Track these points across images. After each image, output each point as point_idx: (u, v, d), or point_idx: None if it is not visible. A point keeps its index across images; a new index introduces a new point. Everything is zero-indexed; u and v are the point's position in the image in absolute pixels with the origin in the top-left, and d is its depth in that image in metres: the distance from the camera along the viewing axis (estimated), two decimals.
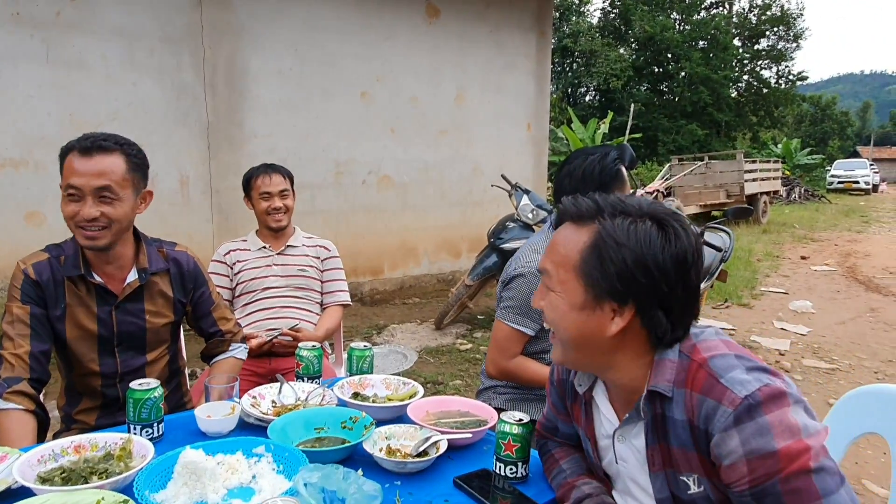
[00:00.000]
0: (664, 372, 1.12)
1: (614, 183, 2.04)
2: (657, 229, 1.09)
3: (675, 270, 1.08)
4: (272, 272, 2.74)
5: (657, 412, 1.14)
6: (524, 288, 2.02)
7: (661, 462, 1.15)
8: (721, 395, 1.03)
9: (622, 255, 1.07)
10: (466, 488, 1.38)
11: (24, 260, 1.80)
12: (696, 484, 1.11)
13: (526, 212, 5.46)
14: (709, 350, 1.11)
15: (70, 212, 1.71)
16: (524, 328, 2.03)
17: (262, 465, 1.33)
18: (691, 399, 1.08)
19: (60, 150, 1.73)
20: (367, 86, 6.13)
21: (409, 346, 5.04)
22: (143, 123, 4.92)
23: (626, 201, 1.14)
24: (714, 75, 30.28)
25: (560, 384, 1.42)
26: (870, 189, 32.19)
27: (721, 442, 1.02)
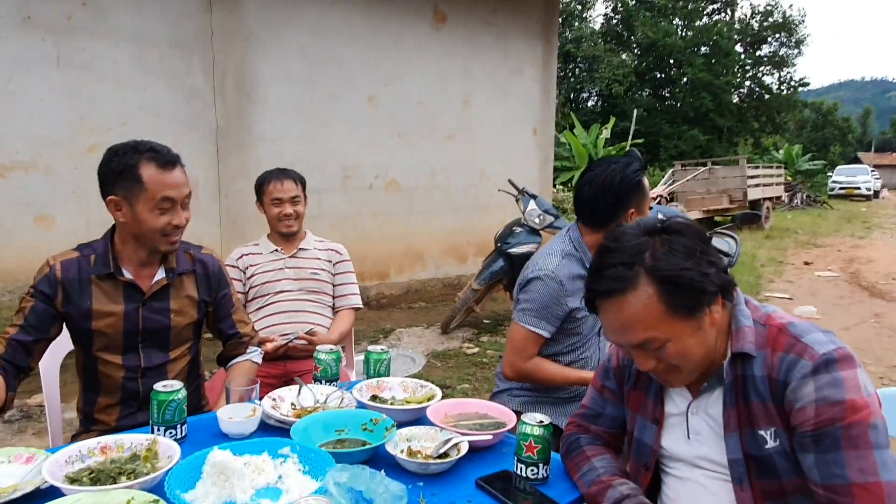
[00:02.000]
0: (746, 336, 1.23)
1: (634, 194, 2.04)
2: (674, 234, 1.19)
3: (705, 243, 1.19)
4: (285, 275, 2.76)
5: (737, 374, 1.23)
6: (541, 290, 2.04)
7: (736, 422, 1.24)
8: (802, 351, 1.16)
9: (687, 273, 1.15)
10: (489, 489, 1.39)
11: (54, 256, 1.85)
12: (772, 437, 1.20)
13: (533, 216, 5.48)
14: (783, 318, 1.24)
15: (162, 223, 1.79)
16: (540, 330, 2.05)
17: (289, 466, 1.34)
18: (773, 357, 1.19)
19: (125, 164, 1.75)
20: (374, 91, 6.16)
21: (416, 350, 5.05)
22: (153, 127, 4.94)
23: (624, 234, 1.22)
24: (716, 81, 30.32)
25: (619, 370, 1.48)
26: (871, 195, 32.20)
27: (797, 388, 1.14)
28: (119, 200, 1.78)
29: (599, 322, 2.22)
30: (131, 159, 1.76)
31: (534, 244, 5.50)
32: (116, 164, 1.76)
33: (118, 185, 1.77)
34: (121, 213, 1.80)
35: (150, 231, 1.82)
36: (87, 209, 4.78)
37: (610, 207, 2.03)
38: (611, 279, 1.18)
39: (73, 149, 4.70)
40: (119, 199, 1.78)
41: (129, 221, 1.80)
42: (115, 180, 1.77)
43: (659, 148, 28.78)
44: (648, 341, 1.18)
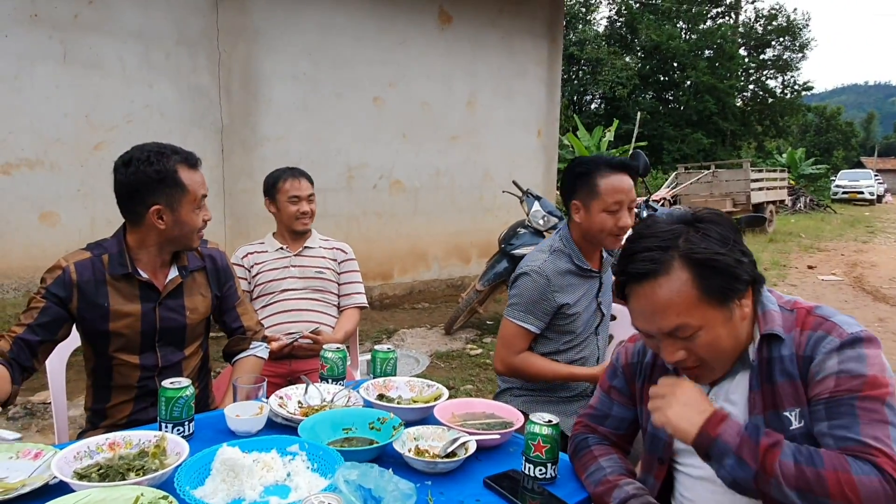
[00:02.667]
0: (774, 319, 1.24)
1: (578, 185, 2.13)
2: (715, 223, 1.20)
3: (739, 236, 1.21)
4: (290, 273, 2.76)
5: (763, 356, 1.24)
6: (528, 286, 2.08)
7: (761, 405, 1.23)
8: (831, 328, 1.19)
9: (721, 261, 1.15)
10: (497, 488, 1.39)
11: (66, 257, 1.82)
12: (797, 419, 1.20)
13: (537, 218, 5.47)
14: (808, 303, 1.27)
15: (200, 221, 1.86)
16: (528, 325, 2.10)
17: (297, 464, 1.34)
18: (801, 336, 1.21)
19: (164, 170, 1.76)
20: (379, 91, 6.17)
21: (420, 350, 5.05)
22: (159, 125, 4.96)
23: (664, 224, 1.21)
24: (720, 84, 30.26)
25: (628, 368, 1.48)
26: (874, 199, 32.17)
27: (821, 361, 1.16)
28: (162, 208, 1.78)
29: (596, 320, 2.23)
30: (168, 164, 1.76)
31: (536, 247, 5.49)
32: (153, 171, 1.74)
33: (160, 193, 1.77)
34: (162, 220, 1.79)
35: (191, 231, 1.84)
36: (93, 207, 4.78)
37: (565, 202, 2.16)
38: (644, 261, 1.16)
39: (78, 146, 4.70)
40: (162, 207, 1.78)
41: (170, 226, 1.81)
42: (156, 188, 1.76)
43: (662, 151, 28.73)
44: (680, 328, 1.17)
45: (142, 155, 1.76)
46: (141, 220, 1.80)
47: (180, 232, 1.83)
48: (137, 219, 1.81)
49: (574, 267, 2.13)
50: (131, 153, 1.78)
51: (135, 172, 1.75)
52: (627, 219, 2.07)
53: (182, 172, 1.79)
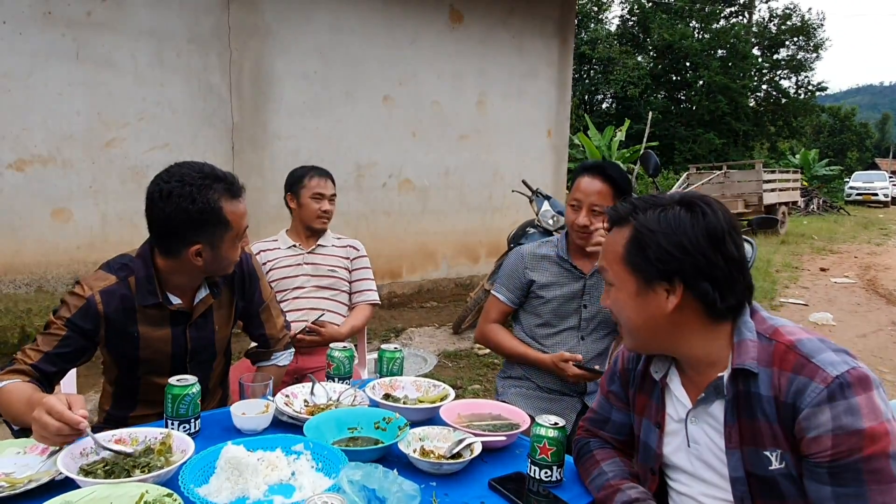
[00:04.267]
0: (748, 351, 1.19)
1: None
2: (686, 211, 1.20)
3: (709, 243, 1.18)
4: (303, 271, 2.76)
5: (740, 389, 1.20)
6: (507, 261, 2.35)
7: (738, 439, 1.20)
8: (813, 373, 1.10)
9: (657, 240, 1.20)
10: (502, 491, 1.38)
11: (90, 283, 1.70)
12: (778, 460, 1.16)
13: (546, 218, 5.45)
14: (792, 334, 1.18)
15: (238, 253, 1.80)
16: (500, 295, 2.31)
17: (302, 463, 1.34)
18: (780, 377, 1.14)
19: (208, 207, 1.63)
20: (389, 89, 6.17)
21: (428, 349, 5.05)
22: (170, 123, 4.98)
23: (658, 196, 1.26)
24: (733, 84, 30.03)
25: (624, 373, 1.47)
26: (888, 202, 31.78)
27: (811, 415, 1.08)
28: (202, 248, 1.66)
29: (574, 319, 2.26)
30: (211, 199, 1.62)
31: None
32: (196, 211, 1.60)
33: (202, 232, 1.64)
34: (200, 258, 1.68)
35: (228, 265, 1.77)
36: (104, 204, 4.82)
37: None
38: (619, 211, 1.29)
39: (90, 143, 4.73)
40: (203, 247, 1.66)
41: (208, 263, 1.70)
42: (199, 227, 1.63)
43: (674, 151, 28.57)
44: (604, 270, 1.32)
45: (183, 190, 1.60)
46: (178, 254, 1.69)
47: (218, 266, 1.75)
48: (173, 252, 1.69)
49: (554, 255, 2.27)
50: (171, 185, 1.61)
51: (175, 210, 1.60)
52: (583, 218, 2.16)
53: (227, 207, 1.65)
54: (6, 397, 1.55)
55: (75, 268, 4.74)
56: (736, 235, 1.20)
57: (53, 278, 4.71)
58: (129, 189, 4.85)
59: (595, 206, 2.13)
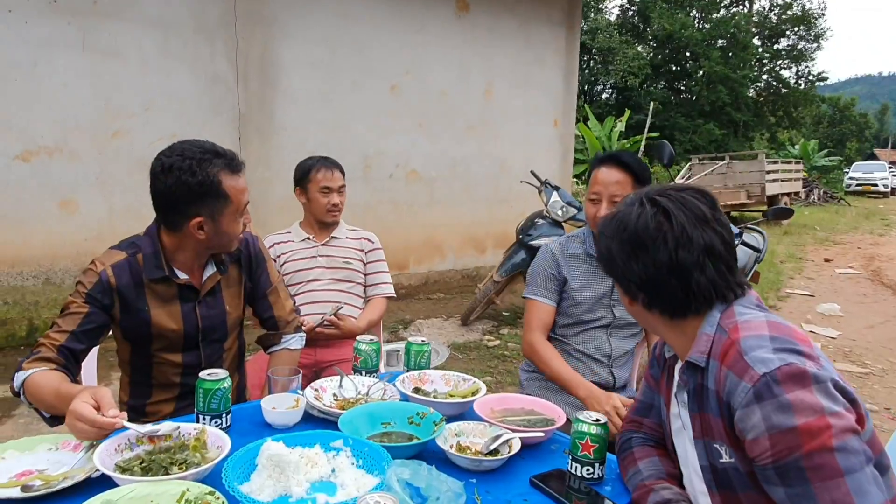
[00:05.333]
0: (699, 345, 1.19)
1: None
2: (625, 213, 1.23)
3: (629, 249, 1.21)
4: (317, 264, 2.73)
5: (698, 382, 1.21)
6: (537, 261, 2.26)
7: (700, 430, 1.21)
8: (743, 372, 1.07)
9: (602, 243, 1.28)
10: (545, 488, 1.36)
11: (101, 259, 1.74)
12: (727, 454, 1.15)
13: (556, 209, 5.43)
14: (747, 329, 1.13)
15: (240, 229, 1.80)
16: (538, 297, 2.22)
17: (342, 460, 1.31)
18: (720, 372, 1.13)
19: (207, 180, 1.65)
20: (396, 78, 6.11)
21: (437, 341, 5.03)
22: (177, 113, 4.93)
23: (636, 193, 1.27)
24: (733, 74, 29.94)
25: (660, 356, 1.46)
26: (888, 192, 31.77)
27: (744, 417, 1.06)
28: (203, 220, 1.69)
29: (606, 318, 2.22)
30: (210, 173, 1.64)
31: (556, 236, 5.45)
32: (195, 183, 1.63)
33: (203, 205, 1.67)
34: (202, 231, 1.71)
35: (230, 240, 1.78)
36: (111, 194, 4.77)
37: None
38: None
39: (97, 134, 4.68)
40: (203, 220, 1.69)
41: (210, 237, 1.73)
42: (199, 200, 1.66)
43: (674, 142, 28.46)
44: None
45: (183, 163, 1.63)
46: (180, 228, 1.72)
47: (220, 241, 1.77)
48: (176, 226, 1.72)
49: (583, 253, 2.20)
50: (171, 159, 1.64)
51: (176, 183, 1.64)
52: (604, 211, 2.07)
53: (226, 181, 1.68)
54: (34, 387, 1.57)
55: (83, 260, 4.70)
56: (673, 240, 1.16)
57: (61, 270, 4.67)
58: (137, 180, 4.79)
59: (615, 197, 2.06)
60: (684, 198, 1.21)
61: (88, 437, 1.36)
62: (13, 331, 4.52)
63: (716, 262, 1.18)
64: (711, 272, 1.18)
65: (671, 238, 1.17)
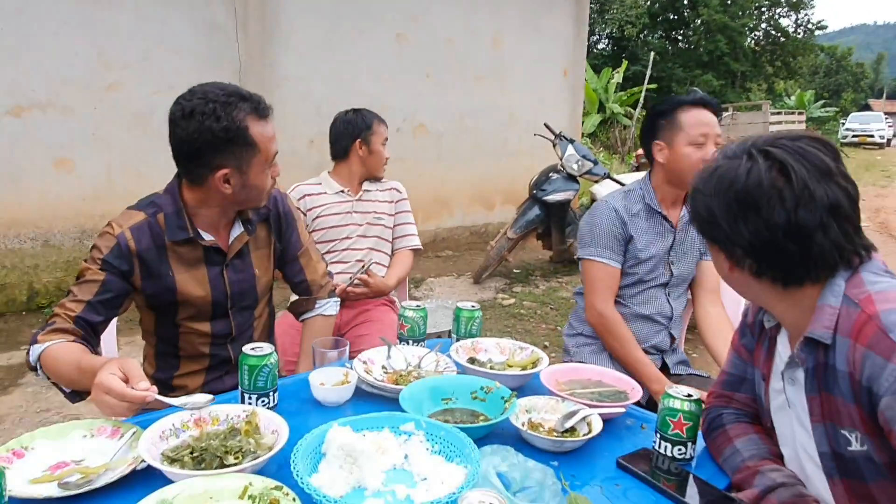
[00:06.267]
0: (822, 319, 1.05)
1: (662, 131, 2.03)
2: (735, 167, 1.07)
3: (738, 209, 1.06)
4: (352, 220, 2.58)
5: (819, 360, 1.07)
6: (596, 218, 2.06)
7: (820, 413, 1.09)
8: (889, 352, 0.93)
9: (700, 201, 1.12)
10: (635, 471, 1.24)
11: (118, 221, 1.57)
12: (858, 441, 1.03)
13: (571, 162, 5.25)
14: (885, 301, 0.99)
15: (270, 182, 1.64)
16: (605, 259, 2.01)
17: (414, 445, 1.18)
18: (855, 351, 0.99)
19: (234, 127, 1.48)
20: (402, 26, 5.82)
21: (450, 300, 4.90)
22: (175, 63, 4.66)
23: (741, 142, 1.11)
24: (732, 23, 29.30)
25: (753, 326, 1.32)
26: (884, 143, 31.68)
27: (894, 404, 0.93)
28: (230, 172, 1.52)
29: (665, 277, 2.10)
30: (237, 118, 1.47)
31: (571, 192, 5.29)
32: (220, 129, 1.46)
33: (229, 155, 1.50)
34: (228, 185, 1.54)
35: (260, 193, 1.61)
36: (108, 152, 4.54)
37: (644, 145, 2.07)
38: None
39: (90, 87, 4.42)
40: (230, 171, 1.52)
41: (237, 190, 1.56)
42: (224, 149, 1.49)
43: (671, 93, 28.07)
44: None
45: (206, 107, 1.45)
46: (204, 181, 1.55)
47: (248, 195, 1.60)
48: (199, 179, 1.56)
49: (644, 209, 2.05)
50: (193, 103, 1.46)
51: (198, 129, 1.46)
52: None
53: (253, 127, 1.51)
54: (52, 361, 1.44)
55: (81, 221, 4.50)
56: (792, 198, 1.01)
57: (60, 232, 4.48)
58: (134, 136, 4.56)
59: (718, 139, 1.97)
60: (803, 148, 1.05)
61: (118, 412, 1.24)
62: (13, 295, 4.34)
63: (840, 222, 1.03)
64: (836, 233, 1.03)
65: (790, 196, 1.02)
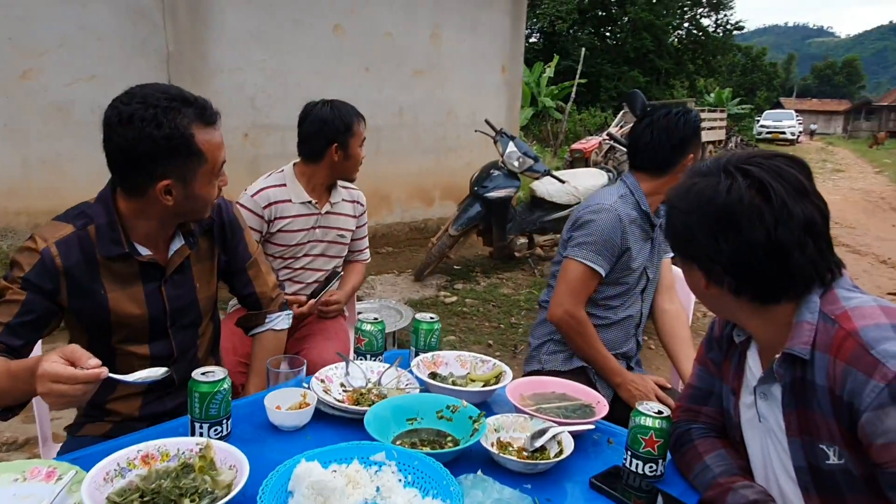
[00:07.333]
0: (801, 334, 1.06)
1: (695, 138, 2.02)
2: (713, 185, 1.07)
3: (717, 227, 1.06)
4: (314, 236, 2.36)
5: (797, 375, 1.08)
6: (601, 223, 1.98)
7: (797, 427, 1.10)
8: (871, 368, 0.95)
9: (674, 219, 1.14)
10: (609, 491, 1.22)
11: (42, 234, 1.42)
12: (836, 455, 1.05)
13: (512, 159, 5.26)
14: (862, 318, 1.01)
15: (215, 193, 1.49)
16: (597, 266, 1.98)
17: (386, 476, 1.12)
18: (835, 367, 1.01)
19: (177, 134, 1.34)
20: (340, 18, 5.66)
21: (392, 298, 4.83)
22: (96, 51, 4.36)
23: (712, 160, 1.12)
24: (657, 21, 30.28)
25: (721, 338, 1.33)
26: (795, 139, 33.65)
27: (875, 420, 0.95)
28: (172, 183, 1.38)
29: (643, 282, 2.10)
30: (180, 125, 1.34)
31: (512, 188, 5.30)
32: (162, 138, 1.33)
33: (171, 165, 1.37)
34: (170, 196, 1.40)
35: (204, 207, 1.47)
36: (24, 145, 4.21)
37: (671, 152, 1.99)
38: None
39: (3, 75, 4.07)
40: (172, 182, 1.38)
41: (180, 203, 1.42)
42: (168, 158, 1.35)
43: (599, 88, 28.75)
44: None
45: (146, 113, 1.32)
46: (142, 192, 1.41)
47: (191, 207, 1.47)
48: (137, 190, 1.41)
49: (639, 215, 2.04)
50: (132, 108, 1.32)
51: (138, 137, 1.32)
52: None
53: (199, 135, 1.38)
54: None
55: None
56: (771, 216, 1.02)
57: None
58: (52, 129, 4.25)
59: None
60: (780, 167, 1.06)
61: (72, 400, 1.15)
62: None
63: (816, 240, 1.06)
64: (812, 250, 1.05)
65: (769, 214, 1.03)
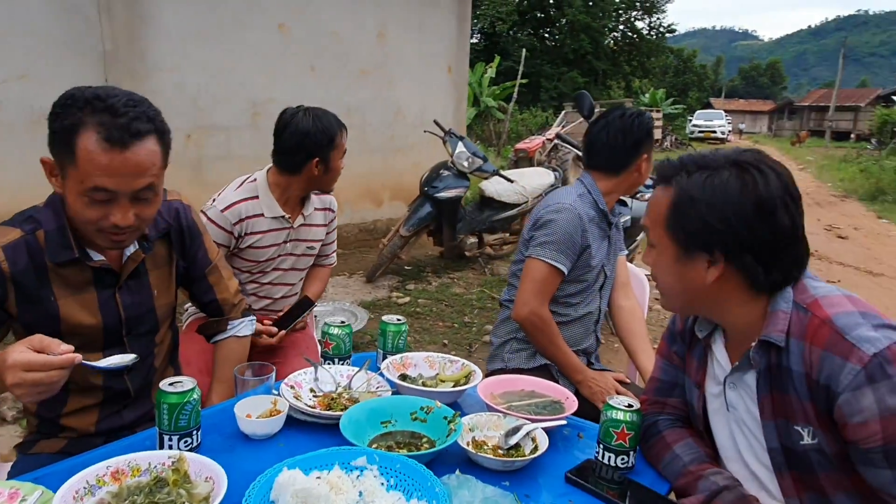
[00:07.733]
0: (777, 322, 1.13)
1: (648, 139, 2.08)
2: (736, 177, 1.12)
3: (756, 216, 1.10)
4: (285, 250, 2.26)
5: (772, 362, 1.15)
6: (562, 222, 2.01)
7: (771, 411, 1.16)
8: (847, 353, 1.02)
9: (698, 209, 1.13)
10: (584, 484, 1.26)
11: None
12: (810, 436, 1.11)
13: (462, 159, 5.29)
14: (832, 306, 1.09)
15: (93, 216, 1.30)
16: (560, 265, 2.01)
17: (368, 481, 1.12)
18: (811, 353, 1.08)
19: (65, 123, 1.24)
20: (285, 16, 5.55)
21: (345, 301, 4.79)
22: (27, 48, 4.14)
23: (709, 155, 1.18)
24: (594, 23, 31.04)
25: (683, 333, 1.39)
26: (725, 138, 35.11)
27: (852, 400, 1.01)
28: (52, 164, 1.32)
29: (601, 280, 2.16)
30: (74, 117, 1.24)
31: (462, 188, 5.33)
32: (57, 119, 1.26)
33: (54, 146, 1.30)
34: (55, 179, 1.34)
35: (80, 221, 1.35)
36: None
37: (626, 152, 2.05)
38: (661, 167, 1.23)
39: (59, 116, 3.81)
40: (52, 164, 1.32)
41: (63, 194, 1.35)
42: (52, 139, 1.29)
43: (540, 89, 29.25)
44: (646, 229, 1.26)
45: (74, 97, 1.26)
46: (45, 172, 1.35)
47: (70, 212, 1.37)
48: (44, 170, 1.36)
49: (597, 214, 2.09)
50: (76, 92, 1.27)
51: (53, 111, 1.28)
52: None
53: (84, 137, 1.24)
54: None
55: None
56: (792, 204, 1.12)
57: None
58: None
59: None
60: (775, 166, 1.15)
61: (46, 389, 1.12)
62: None
63: None
64: (806, 241, 1.17)
65: (792, 204, 1.12)
